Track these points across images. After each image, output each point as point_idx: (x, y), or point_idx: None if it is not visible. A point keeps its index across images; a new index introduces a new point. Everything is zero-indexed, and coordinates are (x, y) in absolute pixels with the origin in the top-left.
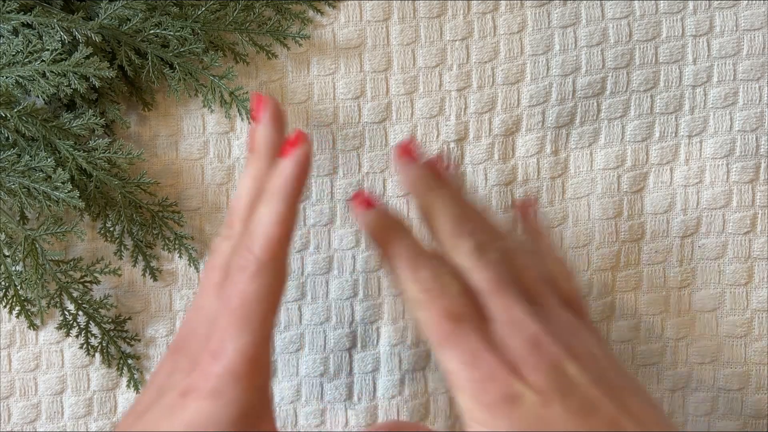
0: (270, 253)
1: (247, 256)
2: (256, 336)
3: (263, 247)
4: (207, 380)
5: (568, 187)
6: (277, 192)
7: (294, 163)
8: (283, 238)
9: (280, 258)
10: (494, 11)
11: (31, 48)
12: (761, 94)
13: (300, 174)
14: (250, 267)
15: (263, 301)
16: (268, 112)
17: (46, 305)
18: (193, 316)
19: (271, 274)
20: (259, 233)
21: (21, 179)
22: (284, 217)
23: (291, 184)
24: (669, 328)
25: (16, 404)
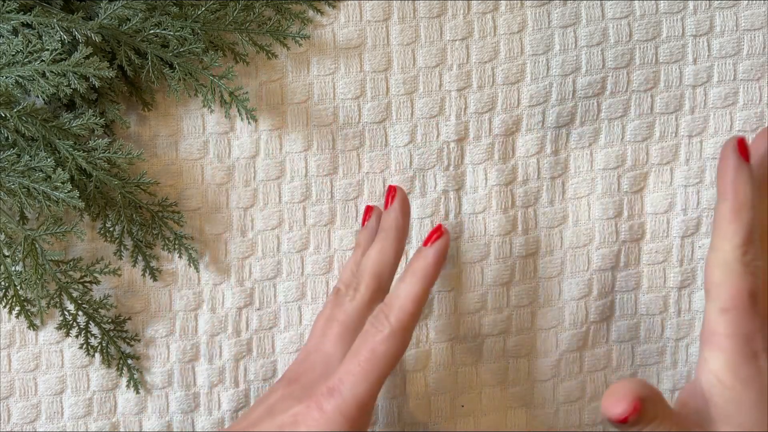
0: (401, 324)
1: (383, 321)
2: (372, 388)
3: (399, 318)
4: (319, 411)
5: (568, 187)
6: (418, 274)
7: (436, 252)
8: (415, 314)
9: (409, 330)
10: (494, 11)
11: (31, 48)
12: (761, 94)
13: (439, 261)
14: (385, 331)
15: (386, 362)
16: (398, 198)
17: (46, 305)
18: (313, 356)
19: (398, 342)
20: (397, 306)
21: (21, 179)
22: (419, 297)
23: (431, 269)
24: (669, 328)
25: (15, 404)
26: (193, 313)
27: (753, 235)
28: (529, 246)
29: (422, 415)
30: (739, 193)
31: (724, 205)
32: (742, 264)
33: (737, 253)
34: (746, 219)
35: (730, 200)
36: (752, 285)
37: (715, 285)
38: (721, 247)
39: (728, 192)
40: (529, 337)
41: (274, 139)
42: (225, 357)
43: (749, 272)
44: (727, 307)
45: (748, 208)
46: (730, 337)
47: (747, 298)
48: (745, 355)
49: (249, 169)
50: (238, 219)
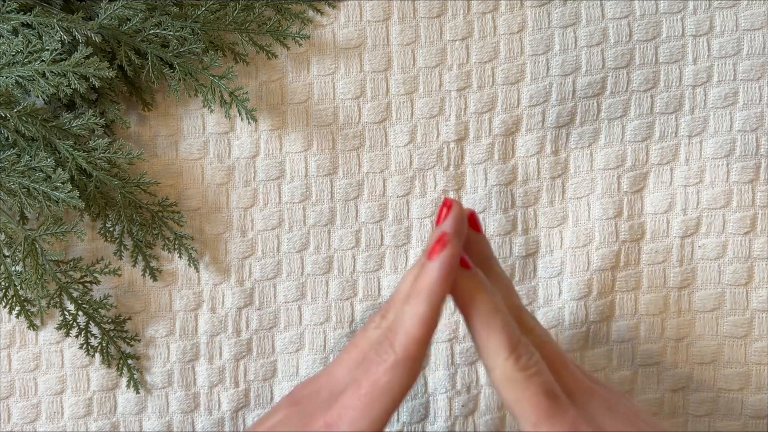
0: (407, 352)
1: (386, 349)
2: (374, 424)
3: (402, 344)
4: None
5: (568, 187)
6: (422, 293)
7: (440, 265)
8: (422, 339)
9: (417, 358)
10: (494, 11)
11: (31, 48)
12: (761, 94)
13: (445, 276)
14: (387, 361)
15: (390, 395)
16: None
17: (46, 305)
18: (322, 379)
19: (404, 372)
20: (402, 332)
21: (21, 179)
22: (426, 319)
23: (436, 285)
24: (669, 328)
25: (16, 404)
26: (193, 313)
27: (513, 335)
28: (529, 246)
29: (421, 415)
30: (478, 303)
31: (472, 322)
32: (522, 372)
33: (511, 364)
34: (498, 326)
35: (475, 316)
36: (544, 385)
37: (514, 404)
38: (494, 365)
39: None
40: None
41: (274, 139)
42: (225, 357)
43: (533, 374)
44: (535, 420)
45: (494, 314)
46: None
47: (547, 401)
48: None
49: (249, 169)
50: (238, 219)
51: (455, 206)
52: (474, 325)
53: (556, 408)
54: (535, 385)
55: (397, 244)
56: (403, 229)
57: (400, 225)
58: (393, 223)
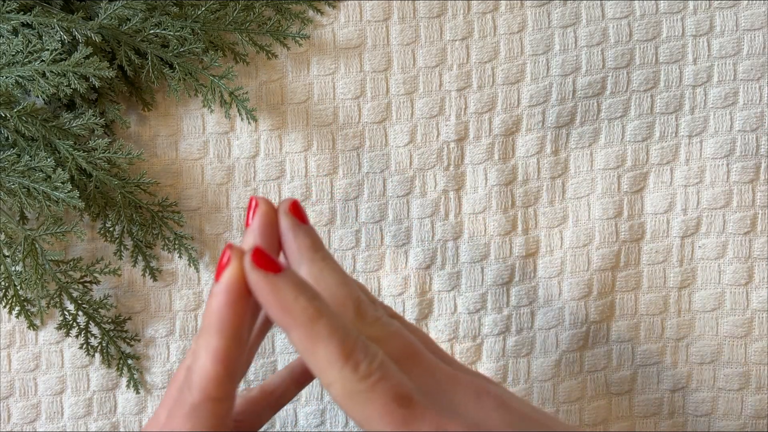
0: (204, 394)
1: (186, 390)
2: None
3: (200, 386)
4: None
5: (568, 187)
6: (210, 324)
7: (225, 288)
8: (221, 376)
9: (219, 397)
10: (494, 11)
11: (31, 48)
12: (761, 94)
13: (233, 300)
14: (186, 405)
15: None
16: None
17: (46, 305)
18: (151, 422)
19: (207, 416)
20: (196, 370)
21: (21, 179)
22: (221, 353)
23: (223, 313)
24: (669, 328)
25: (15, 404)
26: (193, 313)
27: (346, 338)
28: (529, 246)
29: None
30: (296, 312)
31: (292, 336)
32: (363, 382)
33: (348, 374)
34: (324, 332)
35: (293, 328)
36: (392, 390)
37: (364, 422)
38: (330, 380)
39: (284, 320)
40: (529, 337)
41: (274, 139)
42: None
43: (377, 380)
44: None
45: (316, 320)
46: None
47: (400, 410)
48: None
49: (249, 169)
50: (238, 219)
51: (261, 204)
52: (296, 340)
53: (411, 415)
54: (381, 394)
55: (397, 244)
56: (403, 229)
57: (400, 225)
58: (393, 223)
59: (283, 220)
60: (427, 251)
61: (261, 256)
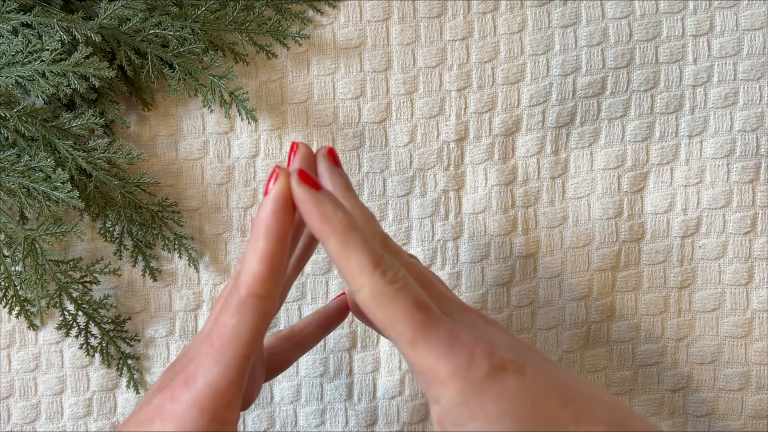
0: (250, 289)
1: (234, 291)
2: (229, 371)
3: (247, 283)
4: (173, 403)
5: (568, 187)
6: (258, 228)
7: (273, 198)
8: (264, 275)
9: (262, 295)
10: (494, 11)
11: (31, 48)
12: (761, 94)
13: (279, 208)
14: (233, 303)
15: (239, 337)
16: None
17: (46, 305)
18: (192, 340)
19: (251, 310)
20: (243, 270)
21: (21, 179)
22: (267, 254)
23: (270, 220)
24: (669, 328)
25: (15, 404)
26: (193, 313)
27: (375, 251)
28: (529, 246)
29: (422, 415)
30: (334, 222)
31: (329, 244)
32: (390, 286)
33: (377, 278)
34: (358, 242)
35: (331, 236)
36: (414, 297)
37: (387, 322)
38: (360, 284)
39: (323, 229)
40: (529, 337)
41: (274, 139)
42: None
43: (401, 287)
44: (411, 336)
45: (351, 231)
46: (438, 360)
47: (420, 314)
48: (469, 381)
49: (249, 169)
50: (238, 219)
51: (301, 146)
52: (332, 247)
53: (430, 319)
54: (404, 298)
55: None
56: (403, 229)
57: (400, 225)
58: (393, 223)
59: (320, 161)
60: (427, 251)
61: (305, 175)
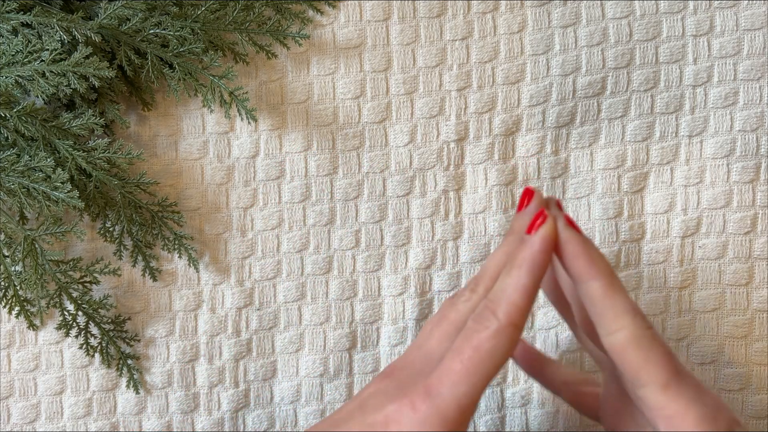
0: (510, 319)
1: (489, 316)
2: (474, 390)
3: (506, 312)
4: (414, 411)
5: (568, 187)
6: (524, 264)
7: (541, 239)
8: (524, 308)
9: (518, 326)
10: (494, 11)
11: (31, 48)
12: (761, 94)
13: (546, 249)
14: (491, 327)
15: (493, 360)
16: (534, 201)
17: (46, 305)
18: (414, 352)
19: (507, 338)
20: (504, 300)
21: (20, 179)
22: (528, 289)
23: (538, 257)
24: (669, 328)
25: (15, 404)
26: (193, 313)
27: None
28: None
29: None
30: (600, 265)
31: (593, 285)
32: (649, 330)
33: (639, 322)
34: (621, 286)
35: (598, 278)
36: (665, 345)
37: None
38: (620, 326)
39: (589, 271)
40: (529, 337)
41: (274, 139)
42: (225, 357)
43: (656, 334)
44: (665, 381)
45: (615, 275)
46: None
47: (673, 361)
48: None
49: (249, 169)
50: (238, 219)
51: (537, 193)
52: (597, 288)
53: (680, 367)
54: (660, 344)
55: (397, 244)
56: (403, 229)
57: (400, 225)
58: (393, 223)
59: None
60: (427, 251)
61: (571, 220)
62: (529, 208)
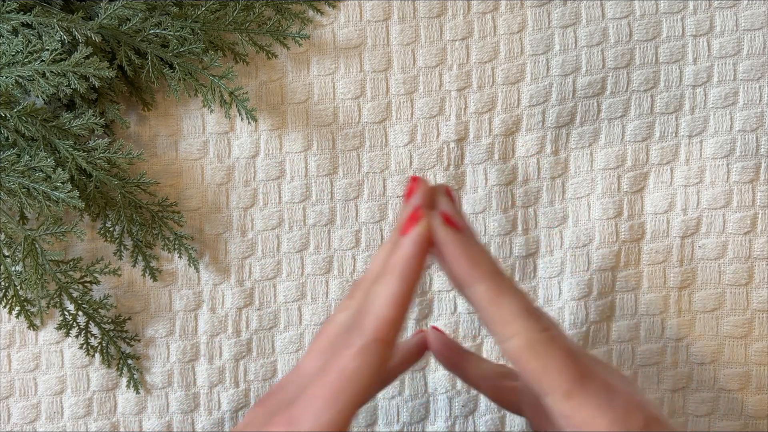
0: (377, 334)
1: (355, 332)
2: (340, 417)
3: (373, 326)
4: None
5: (568, 187)
6: (395, 271)
7: (412, 242)
8: (395, 320)
9: (388, 340)
10: (494, 11)
11: (31, 48)
12: (761, 94)
13: (418, 253)
14: (356, 344)
15: (359, 382)
16: (416, 194)
17: (46, 305)
18: (291, 374)
19: (374, 356)
20: (372, 312)
21: (21, 179)
22: (399, 298)
23: (409, 262)
24: (669, 328)
25: (15, 404)
26: (193, 313)
27: (524, 294)
28: (529, 246)
29: (421, 415)
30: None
31: (478, 289)
32: (545, 333)
33: (532, 325)
34: (511, 288)
35: (482, 281)
36: (567, 347)
37: (540, 374)
38: (513, 332)
39: (472, 273)
40: None
41: (274, 139)
42: (225, 357)
43: (556, 335)
44: (567, 388)
45: (503, 276)
46: (595, 413)
47: (574, 364)
48: None
49: (249, 169)
50: (238, 219)
51: (421, 182)
52: (482, 292)
53: (584, 370)
54: (559, 347)
55: None
56: None
57: None
58: (393, 223)
59: (442, 202)
60: None
61: (449, 217)
62: (411, 201)
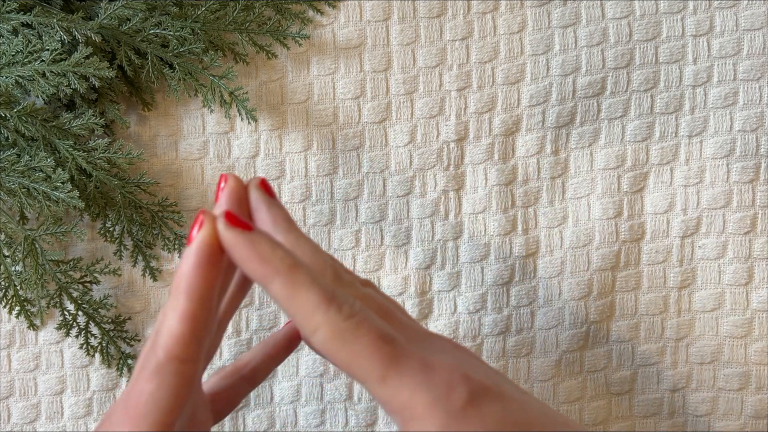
0: (170, 353)
1: (149, 353)
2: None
3: (164, 345)
4: None
5: (568, 187)
6: (179, 286)
7: (195, 251)
8: (187, 336)
9: (184, 357)
10: (494, 11)
11: (31, 48)
12: (761, 94)
13: (203, 262)
14: (150, 366)
15: (158, 406)
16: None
17: (46, 305)
18: (116, 402)
19: (171, 376)
20: (162, 331)
21: (21, 179)
22: (188, 314)
23: (193, 275)
24: (669, 328)
25: (15, 404)
26: None
27: (326, 286)
28: (529, 246)
29: None
30: (275, 263)
31: (274, 287)
32: (349, 321)
33: (333, 315)
34: (305, 280)
35: (274, 278)
36: (377, 329)
37: (351, 362)
38: (315, 325)
39: (264, 272)
40: (529, 337)
41: (274, 139)
42: (225, 357)
43: (361, 320)
44: (381, 372)
45: (295, 269)
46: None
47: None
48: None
49: (249, 169)
50: None
51: (230, 179)
52: (277, 290)
53: (398, 351)
54: (366, 332)
55: (397, 244)
56: (403, 229)
57: (400, 225)
58: (393, 223)
59: (254, 194)
60: (427, 251)
61: (233, 217)
62: (219, 203)
